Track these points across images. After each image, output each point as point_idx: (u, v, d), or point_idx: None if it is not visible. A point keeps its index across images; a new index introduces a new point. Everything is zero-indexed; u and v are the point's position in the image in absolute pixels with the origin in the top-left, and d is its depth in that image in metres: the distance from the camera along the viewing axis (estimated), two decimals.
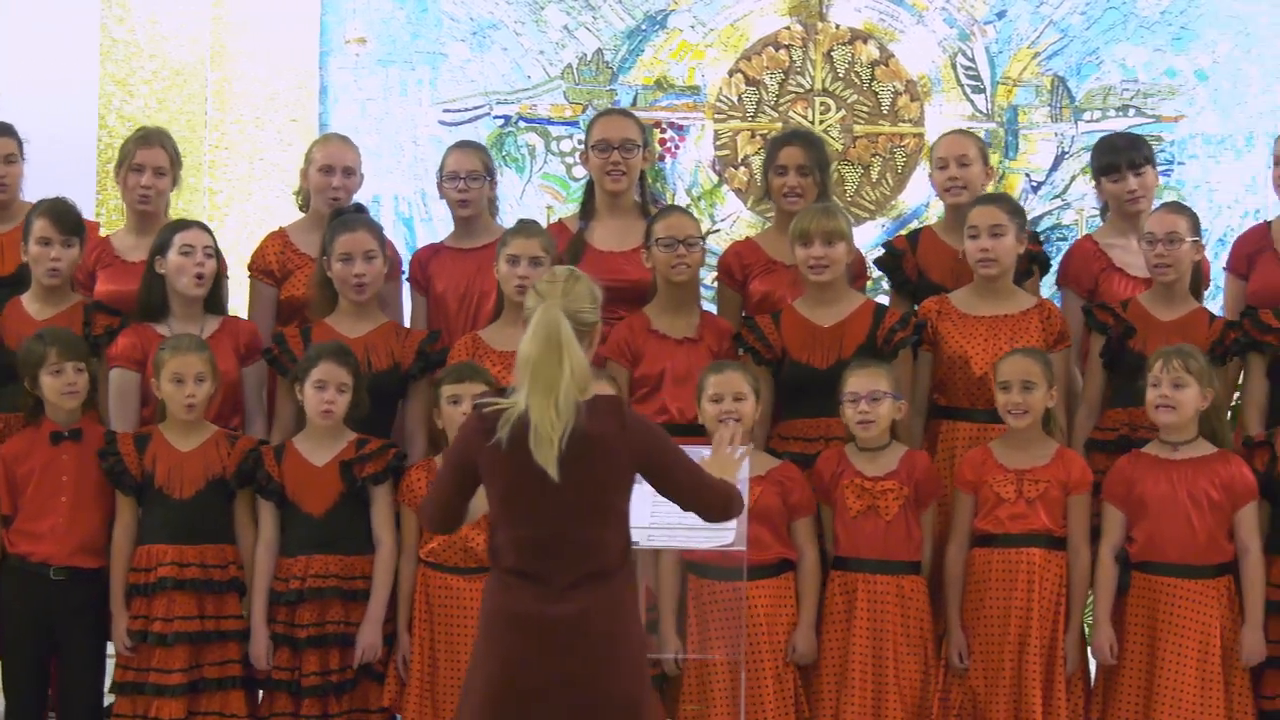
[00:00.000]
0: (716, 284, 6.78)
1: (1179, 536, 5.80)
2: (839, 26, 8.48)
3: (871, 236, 8.26)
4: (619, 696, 4.55)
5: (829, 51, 8.46)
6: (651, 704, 4.76)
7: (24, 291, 6.34)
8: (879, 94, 8.46)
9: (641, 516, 5.36)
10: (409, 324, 6.59)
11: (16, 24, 8.24)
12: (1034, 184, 8.40)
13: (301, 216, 6.78)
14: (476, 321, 6.53)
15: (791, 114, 8.43)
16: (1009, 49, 8.45)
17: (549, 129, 8.54)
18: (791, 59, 8.47)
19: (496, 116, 8.52)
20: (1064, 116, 8.41)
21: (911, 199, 8.46)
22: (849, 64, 8.47)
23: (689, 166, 8.51)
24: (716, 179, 8.49)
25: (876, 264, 6.76)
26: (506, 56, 8.53)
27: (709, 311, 6.55)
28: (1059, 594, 5.87)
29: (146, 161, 6.58)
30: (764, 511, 5.83)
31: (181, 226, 6.32)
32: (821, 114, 8.45)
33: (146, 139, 6.66)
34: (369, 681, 5.97)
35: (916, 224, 8.00)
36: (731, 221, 8.43)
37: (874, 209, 8.45)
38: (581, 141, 7.53)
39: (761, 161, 7.01)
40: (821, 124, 8.39)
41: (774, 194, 6.63)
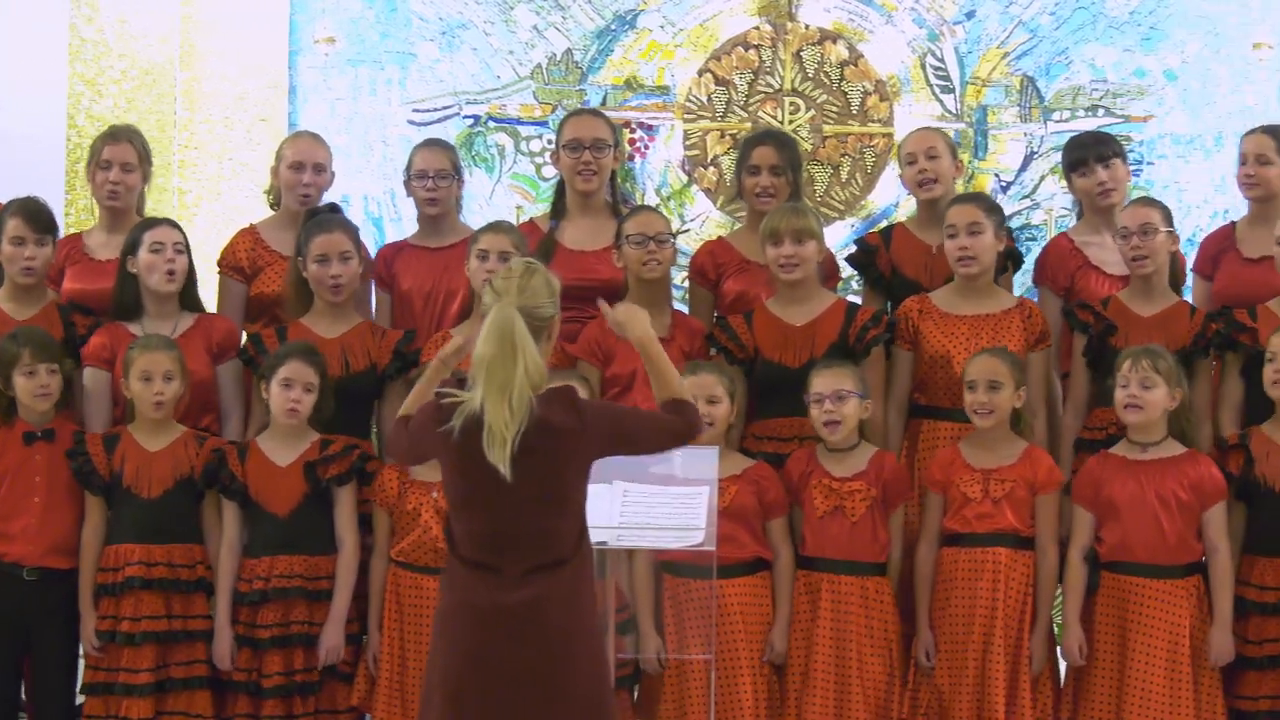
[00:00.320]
0: (688, 283, 6.78)
1: (1148, 537, 5.81)
2: (808, 26, 8.47)
3: (841, 236, 8.24)
4: (579, 699, 4.56)
5: (798, 51, 8.45)
6: (613, 706, 4.76)
7: None
8: (848, 94, 8.45)
9: (610, 517, 5.37)
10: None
11: None
12: (1003, 184, 8.39)
13: (272, 214, 6.78)
14: (442, 320, 6.52)
15: (761, 114, 8.42)
16: (978, 49, 8.44)
17: (518, 129, 8.51)
18: (761, 59, 8.45)
19: (466, 116, 8.49)
20: (1033, 117, 8.41)
21: (881, 199, 8.45)
22: (818, 64, 8.46)
23: (658, 166, 8.49)
24: (686, 179, 8.47)
25: (849, 261, 6.75)
26: (476, 56, 8.50)
27: (680, 311, 6.56)
28: (1025, 593, 5.87)
29: (114, 158, 6.57)
30: (739, 510, 5.83)
31: (151, 224, 6.33)
32: (791, 114, 8.44)
33: (114, 135, 6.66)
34: (336, 682, 5.96)
35: (887, 222, 7.99)
36: (701, 221, 8.41)
37: (843, 209, 8.44)
38: (551, 141, 7.52)
39: (732, 161, 7.01)
40: (791, 124, 8.38)
41: (746, 194, 6.64)
